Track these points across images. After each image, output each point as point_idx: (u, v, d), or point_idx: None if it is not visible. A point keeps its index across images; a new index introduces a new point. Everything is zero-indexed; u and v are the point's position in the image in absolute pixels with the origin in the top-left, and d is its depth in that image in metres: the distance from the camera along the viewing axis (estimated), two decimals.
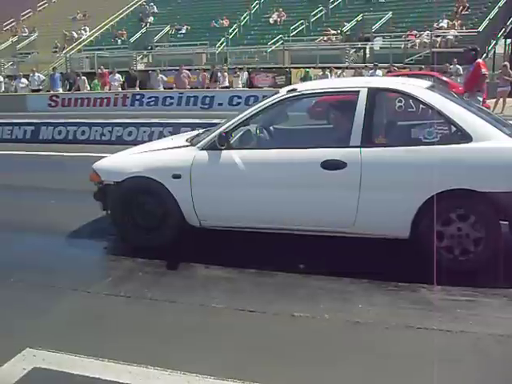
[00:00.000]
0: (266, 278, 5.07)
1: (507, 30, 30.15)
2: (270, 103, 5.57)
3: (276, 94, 5.73)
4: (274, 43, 30.72)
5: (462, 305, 4.42)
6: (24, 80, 29.25)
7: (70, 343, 3.92)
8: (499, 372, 3.53)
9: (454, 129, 5.07)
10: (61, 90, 28.64)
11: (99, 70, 29.67)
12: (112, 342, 4.00)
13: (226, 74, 26.93)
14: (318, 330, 4.14)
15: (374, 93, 5.27)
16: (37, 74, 29.37)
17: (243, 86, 26.25)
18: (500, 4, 28.33)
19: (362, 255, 5.44)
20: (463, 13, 28.76)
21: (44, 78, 29.89)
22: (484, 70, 12.30)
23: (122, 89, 27.06)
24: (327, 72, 24.16)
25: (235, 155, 5.43)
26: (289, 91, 5.63)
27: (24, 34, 39.94)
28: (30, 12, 43.51)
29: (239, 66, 27.69)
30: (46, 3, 44.43)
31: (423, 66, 22.83)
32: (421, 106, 5.33)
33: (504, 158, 4.86)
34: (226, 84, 26.55)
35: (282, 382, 3.39)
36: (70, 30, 38.12)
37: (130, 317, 4.47)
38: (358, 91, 5.28)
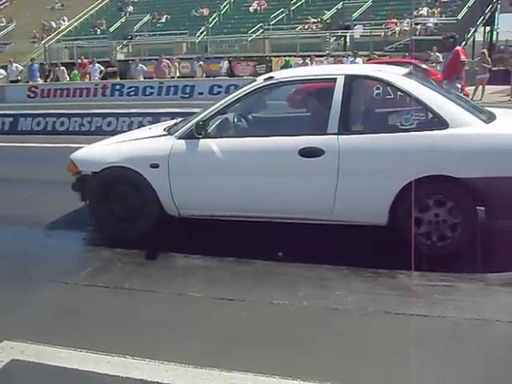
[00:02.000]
0: (244, 266, 5.08)
1: (486, 18, 30.43)
2: (247, 91, 5.55)
3: (253, 82, 5.72)
4: (254, 32, 30.65)
5: (439, 290, 4.46)
6: (2, 71, 28.93)
7: (49, 335, 3.91)
8: (476, 356, 3.56)
9: (430, 115, 5.09)
10: (40, 81, 28.37)
11: (79, 60, 29.41)
12: (90, 332, 3.99)
13: (176, 64, 27.14)
14: (296, 317, 4.16)
15: (350, 80, 5.27)
16: (14, 64, 29.04)
17: (200, 76, 26.40)
18: None
19: (340, 242, 5.47)
20: (442, 1, 28.89)
21: (22, 68, 29.55)
22: (463, 57, 12.36)
23: (103, 79, 26.89)
24: (307, 60, 24.12)
25: (213, 144, 5.41)
26: (266, 79, 5.61)
27: (1, 24, 39.41)
28: (6, 2, 42.95)
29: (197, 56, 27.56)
30: None
31: (406, 54, 22.95)
32: (398, 92, 5.35)
33: (480, 145, 4.89)
34: (178, 74, 26.80)
35: (260, 369, 3.39)
36: (48, 19, 37.69)
37: (108, 307, 4.46)
38: (335, 78, 5.27)
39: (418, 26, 26.88)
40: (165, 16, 35.19)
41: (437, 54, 21.59)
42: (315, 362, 3.52)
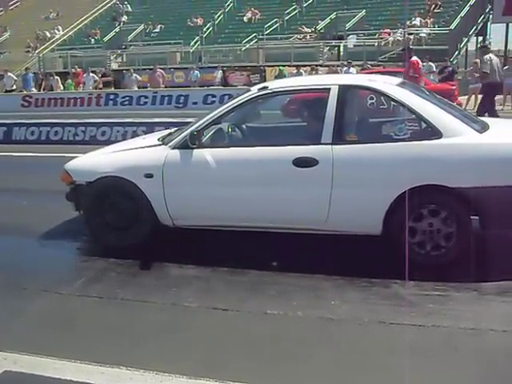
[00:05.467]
0: (238, 276, 5.07)
1: (478, 28, 30.56)
2: (241, 101, 5.56)
3: (247, 92, 5.73)
4: (248, 41, 30.77)
5: (433, 299, 4.47)
6: None
7: (42, 345, 3.89)
8: (470, 365, 3.56)
9: (424, 125, 5.12)
10: (34, 90, 28.34)
11: (73, 70, 29.40)
12: (84, 343, 3.97)
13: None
14: (291, 327, 4.16)
15: (344, 90, 5.29)
16: (9, 74, 28.96)
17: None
18: (471, 2, 28.72)
19: (334, 252, 5.46)
20: (435, 11, 29.08)
21: (15, 78, 29.44)
22: (411, 72, 12.63)
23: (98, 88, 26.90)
24: (301, 70, 24.19)
25: (207, 154, 5.42)
26: (260, 89, 5.62)
27: None
28: (1, 11, 42.96)
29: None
30: (18, 2, 43.84)
31: (400, 64, 23.04)
32: (391, 102, 5.38)
33: (473, 154, 4.91)
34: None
35: (254, 379, 3.39)
36: (42, 29, 37.72)
37: (102, 318, 4.45)
38: (329, 89, 5.29)
39: (411, 36, 27.00)
40: (159, 26, 35.30)
41: (430, 63, 21.67)
42: (310, 372, 3.52)
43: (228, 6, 35.52)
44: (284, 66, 26.71)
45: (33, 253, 6.08)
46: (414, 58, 13.06)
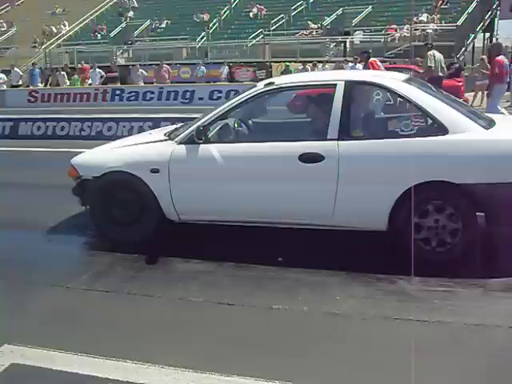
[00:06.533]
0: (244, 271, 5.08)
1: (485, 24, 30.49)
2: (247, 97, 5.57)
3: (253, 87, 5.74)
4: (254, 37, 30.74)
5: (438, 295, 4.47)
6: (2, 75, 28.91)
7: (49, 339, 3.92)
8: (475, 361, 3.56)
9: (430, 121, 5.11)
10: (41, 86, 28.39)
11: (79, 65, 29.43)
12: (91, 336, 3.99)
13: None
14: (296, 322, 4.17)
15: (350, 86, 5.29)
16: (16, 69, 29.05)
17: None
18: None
19: (340, 247, 5.47)
20: (442, 7, 28.99)
21: (21, 73, 29.50)
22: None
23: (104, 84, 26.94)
24: (307, 66, 24.16)
25: (213, 149, 5.43)
26: (266, 85, 5.62)
27: (2, 29, 39.51)
28: (7, 6, 42.98)
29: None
30: None
31: (407, 60, 23.01)
32: (397, 98, 5.37)
33: (479, 150, 4.91)
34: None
35: (260, 374, 3.39)
36: (49, 24, 37.76)
37: (108, 311, 4.47)
38: (335, 84, 5.29)
39: (418, 32, 26.92)
40: (165, 21, 35.30)
41: None
42: (315, 367, 3.53)
43: (234, 1, 35.49)
44: (290, 61, 26.67)
45: (39, 247, 6.09)
46: (372, 59, 13.51)
